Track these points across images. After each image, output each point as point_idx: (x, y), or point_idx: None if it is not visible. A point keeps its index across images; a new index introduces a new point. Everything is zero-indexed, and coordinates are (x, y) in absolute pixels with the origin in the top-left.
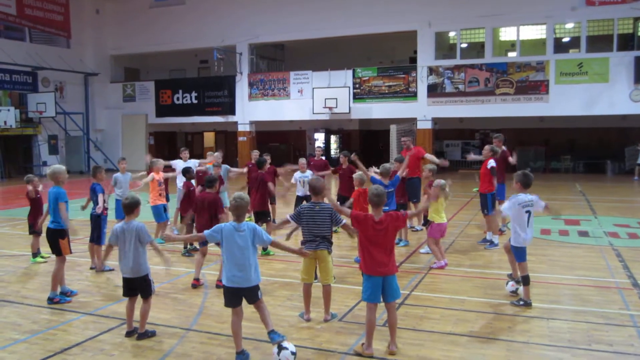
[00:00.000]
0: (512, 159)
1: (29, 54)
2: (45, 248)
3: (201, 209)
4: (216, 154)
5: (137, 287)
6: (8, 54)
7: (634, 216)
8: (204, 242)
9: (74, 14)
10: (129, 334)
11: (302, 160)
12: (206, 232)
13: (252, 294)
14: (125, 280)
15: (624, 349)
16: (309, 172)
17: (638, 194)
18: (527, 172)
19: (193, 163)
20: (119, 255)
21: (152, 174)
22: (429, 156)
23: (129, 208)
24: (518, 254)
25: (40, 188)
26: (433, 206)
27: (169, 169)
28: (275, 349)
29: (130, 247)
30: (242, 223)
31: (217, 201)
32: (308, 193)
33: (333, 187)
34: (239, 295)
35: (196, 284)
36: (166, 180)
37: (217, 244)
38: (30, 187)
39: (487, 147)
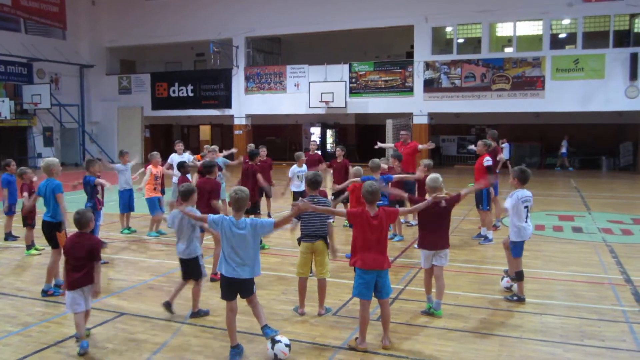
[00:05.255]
0: (501, 156)
1: (24, 45)
2: (39, 240)
3: (202, 194)
4: (213, 146)
5: (190, 269)
6: (3, 45)
7: (628, 212)
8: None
9: (69, 5)
10: (166, 304)
11: (301, 155)
12: (211, 216)
13: (246, 288)
14: (180, 261)
15: (616, 344)
16: (305, 167)
17: (633, 191)
18: (524, 168)
19: (188, 157)
20: (176, 238)
21: (149, 168)
22: (422, 146)
23: (184, 194)
24: (516, 249)
25: (35, 179)
26: None
27: (170, 167)
28: (269, 343)
29: (185, 231)
30: (241, 220)
31: (217, 186)
32: (304, 189)
33: (328, 181)
34: (234, 287)
35: None
36: (163, 175)
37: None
38: (26, 177)
39: (480, 142)
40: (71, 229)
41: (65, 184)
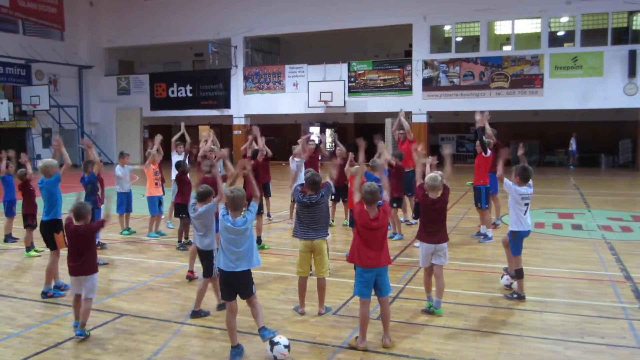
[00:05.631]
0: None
1: (23, 47)
2: (39, 242)
3: None
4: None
5: (202, 261)
6: (1, 46)
7: (628, 209)
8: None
9: (67, 6)
10: (220, 306)
11: (299, 147)
12: (222, 206)
13: (245, 287)
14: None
15: (616, 341)
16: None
17: (632, 188)
18: (526, 166)
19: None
20: (195, 231)
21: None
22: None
23: (202, 196)
24: (515, 246)
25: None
26: None
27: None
28: (267, 346)
29: (205, 224)
30: (238, 219)
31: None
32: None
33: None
34: (233, 283)
35: (191, 275)
36: (161, 168)
37: None
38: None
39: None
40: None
41: (68, 185)
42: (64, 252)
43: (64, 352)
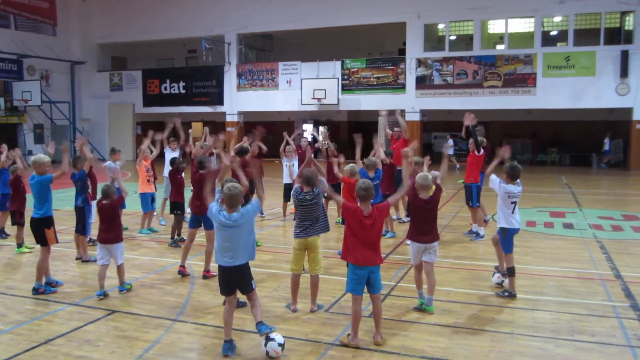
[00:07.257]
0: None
1: (14, 42)
2: (29, 238)
3: (198, 188)
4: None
5: None
6: None
7: (618, 209)
8: (193, 225)
9: (60, 1)
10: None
11: (290, 148)
12: (212, 204)
13: (244, 281)
14: None
15: (606, 339)
16: (295, 161)
17: (623, 187)
18: (515, 165)
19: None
20: None
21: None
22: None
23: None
24: (506, 244)
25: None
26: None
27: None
28: (262, 341)
29: None
30: (232, 215)
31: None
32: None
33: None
34: (231, 278)
35: (182, 270)
36: (153, 165)
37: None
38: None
39: (472, 139)
40: (61, 227)
41: (58, 182)
42: (55, 248)
43: (54, 349)
